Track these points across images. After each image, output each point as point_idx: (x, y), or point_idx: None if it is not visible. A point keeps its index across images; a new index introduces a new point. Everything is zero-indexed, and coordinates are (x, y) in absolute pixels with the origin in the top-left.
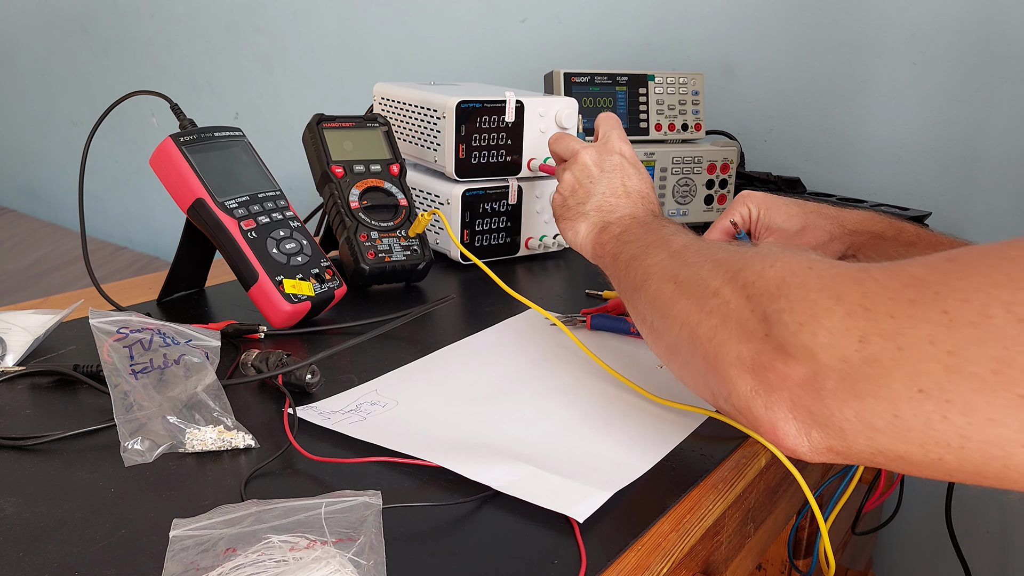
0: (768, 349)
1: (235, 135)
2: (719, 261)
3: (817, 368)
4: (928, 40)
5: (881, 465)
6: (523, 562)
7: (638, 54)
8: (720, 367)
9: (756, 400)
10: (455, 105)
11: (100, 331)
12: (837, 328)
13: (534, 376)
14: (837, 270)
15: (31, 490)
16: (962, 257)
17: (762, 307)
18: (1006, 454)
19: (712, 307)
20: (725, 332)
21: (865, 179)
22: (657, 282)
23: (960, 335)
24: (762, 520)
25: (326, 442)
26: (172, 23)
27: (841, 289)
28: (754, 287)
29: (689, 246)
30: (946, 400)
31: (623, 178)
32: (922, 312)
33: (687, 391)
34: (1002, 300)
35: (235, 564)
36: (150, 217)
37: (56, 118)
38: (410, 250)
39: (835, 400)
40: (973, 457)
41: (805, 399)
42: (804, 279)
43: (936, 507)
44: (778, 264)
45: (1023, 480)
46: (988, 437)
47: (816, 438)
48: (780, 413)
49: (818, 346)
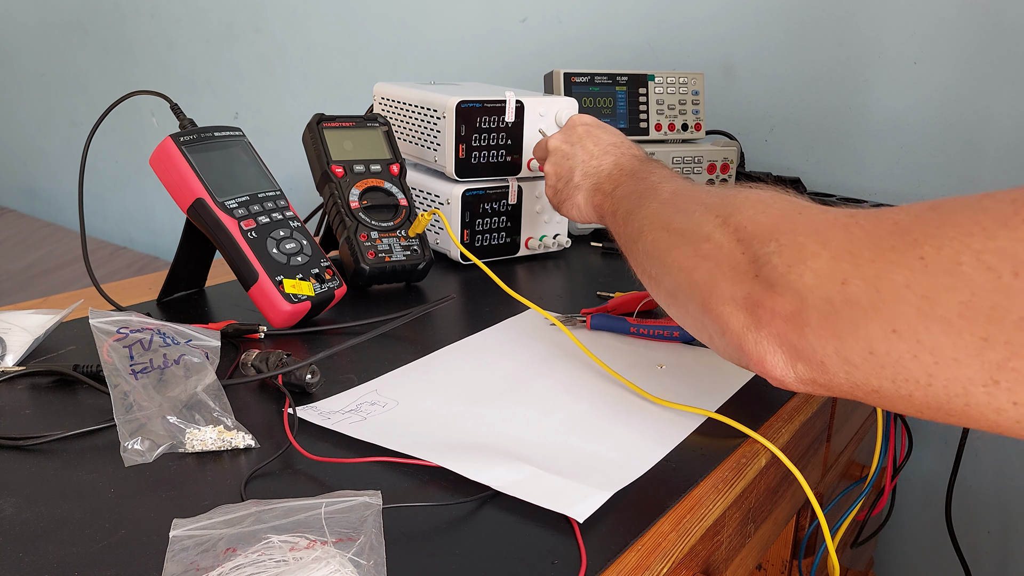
0: (758, 288)
1: (235, 135)
2: (710, 206)
3: (802, 306)
4: (929, 40)
5: (859, 398)
6: (523, 562)
7: (638, 54)
8: (714, 306)
9: (747, 335)
10: (455, 105)
11: (100, 331)
12: (823, 270)
13: (534, 376)
14: (826, 215)
15: (31, 490)
16: (944, 206)
17: (753, 249)
18: (967, 392)
19: (706, 251)
20: (719, 274)
21: (866, 179)
22: (653, 232)
23: (933, 280)
24: (762, 520)
25: (326, 442)
26: (172, 23)
27: (829, 234)
28: (746, 231)
29: (679, 192)
30: (917, 340)
31: (593, 140)
32: (901, 258)
33: (686, 391)
34: (973, 248)
35: (235, 564)
36: (150, 217)
37: (56, 118)
38: (410, 250)
39: (817, 337)
40: (939, 394)
41: (791, 335)
42: (795, 224)
43: (936, 508)
44: (771, 210)
45: (982, 419)
46: (952, 376)
47: (801, 370)
48: (768, 347)
49: (804, 286)
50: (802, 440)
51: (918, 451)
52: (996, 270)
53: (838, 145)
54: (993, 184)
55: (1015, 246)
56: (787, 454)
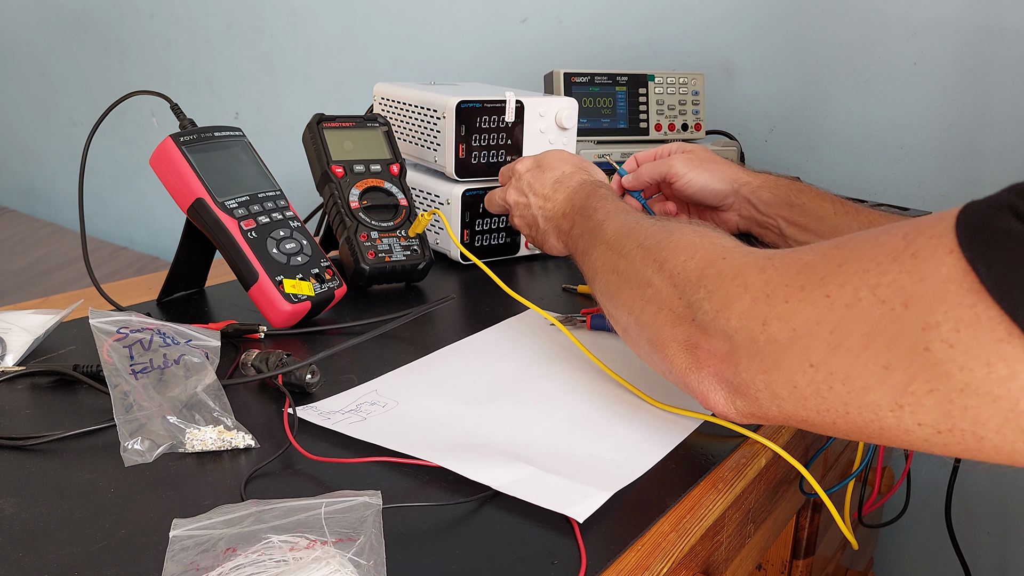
0: (695, 332)
1: (235, 135)
2: (647, 249)
3: (732, 347)
4: (929, 40)
5: (793, 425)
6: (523, 562)
7: (638, 54)
8: (660, 347)
9: (690, 375)
10: (455, 105)
11: (100, 331)
12: (745, 313)
13: (534, 376)
14: (746, 259)
15: (31, 490)
16: (847, 243)
17: (687, 296)
18: (879, 417)
19: (648, 296)
20: (661, 317)
21: (866, 179)
22: (604, 274)
23: (838, 315)
24: (762, 520)
25: (326, 442)
26: (172, 23)
27: (748, 278)
28: (679, 277)
29: (620, 232)
30: (830, 372)
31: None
32: (809, 296)
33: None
34: (869, 284)
35: (235, 564)
36: (150, 217)
37: (56, 118)
38: (410, 250)
39: (748, 373)
40: (856, 420)
41: (726, 373)
42: (719, 269)
43: (937, 508)
44: (697, 255)
45: (896, 439)
46: (864, 403)
47: (740, 405)
48: (710, 385)
49: (732, 329)
50: (802, 440)
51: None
52: (889, 302)
53: (838, 145)
54: (993, 184)
55: (903, 279)
56: (789, 454)
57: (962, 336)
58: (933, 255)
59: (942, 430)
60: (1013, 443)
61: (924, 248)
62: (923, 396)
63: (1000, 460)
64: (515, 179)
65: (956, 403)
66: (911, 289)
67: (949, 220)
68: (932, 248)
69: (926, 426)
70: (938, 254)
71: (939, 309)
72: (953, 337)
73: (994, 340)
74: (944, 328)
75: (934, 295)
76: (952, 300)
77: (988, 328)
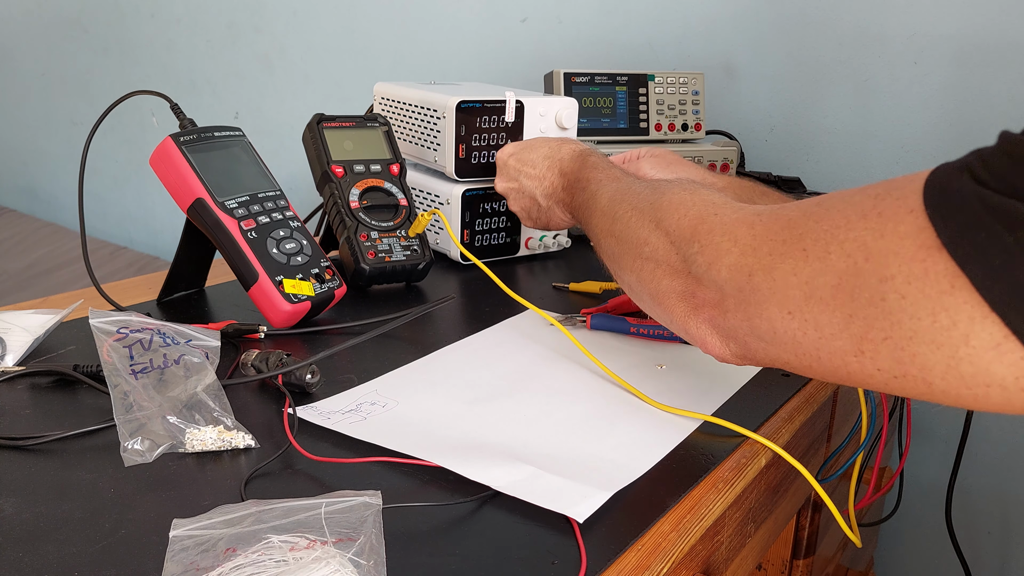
0: (691, 282)
1: (235, 135)
2: (642, 211)
3: (722, 296)
4: (929, 40)
5: (780, 367)
6: (523, 562)
7: (639, 54)
8: (662, 299)
9: (689, 321)
10: (455, 105)
11: (100, 331)
12: (734, 265)
13: (534, 376)
14: (737, 215)
15: (31, 490)
16: (826, 201)
17: (682, 251)
18: (845, 363)
19: (647, 253)
20: (660, 272)
21: (866, 179)
22: (604, 239)
23: (811, 267)
24: (762, 520)
25: (326, 442)
26: (172, 23)
27: (738, 233)
28: (674, 234)
29: (614, 198)
30: (804, 319)
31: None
32: (789, 250)
33: (686, 391)
34: (838, 239)
35: (235, 564)
36: (150, 217)
37: (56, 118)
38: (410, 250)
39: (735, 319)
40: (828, 365)
41: (718, 318)
42: (711, 225)
43: (936, 507)
44: (691, 213)
45: (862, 383)
46: (832, 348)
47: (732, 347)
48: (705, 329)
49: (722, 280)
50: (802, 440)
51: (918, 451)
52: (853, 256)
53: (838, 145)
54: None
55: (866, 236)
56: (788, 454)
57: (912, 288)
58: (895, 214)
59: (897, 375)
60: (957, 389)
61: (889, 208)
62: (879, 343)
63: (950, 403)
64: (499, 167)
65: (906, 350)
66: (872, 245)
67: (918, 181)
68: (895, 208)
69: (884, 371)
70: (899, 213)
71: (894, 263)
72: (904, 288)
73: (938, 292)
74: (898, 280)
75: (891, 250)
76: (906, 255)
77: (934, 281)
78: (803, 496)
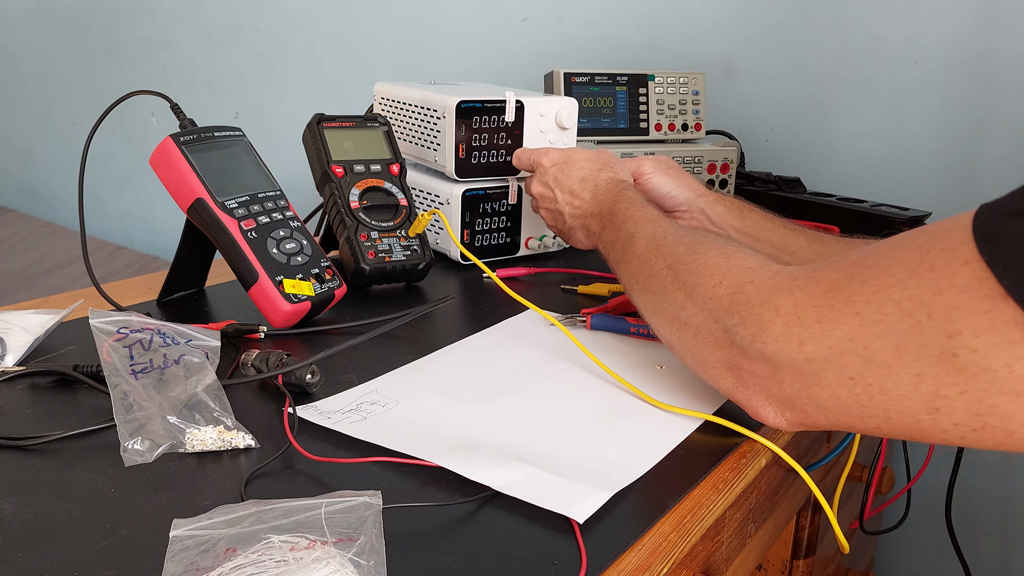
0: (736, 354)
1: (235, 135)
2: (676, 272)
3: (774, 368)
4: (929, 40)
5: (843, 430)
6: (523, 563)
7: (639, 54)
8: (706, 368)
9: (738, 392)
10: (455, 105)
11: (100, 331)
12: (780, 336)
13: (534, 376)
14: (772, 281)
15: (31, 490)
16: (865, 260)
17: (721, 321)
18: (917, 421)
19: (684, 319)
20: (700, 340)
21: (866, 179)
22: (638, 292)
23: (868, 331)
24: (763, 520)
25: (326, 442)
26: (172, 22)
27: (777, 302)
28: (711, 302)
29: (650, 248)
30: (868, 384)
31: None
32: (839, 316)
33: (686, 391)
34: (892, 299)
35: (235, 564)
36: (150, 217)
37: (56, 118)
38: (410, 250)
39: (792, 390)
40: (897, 424)
41: (772, 390)
42: (748, 295)
43: (937, 508)
44: (725, 281)
45: (936, 438)
46: (902, 409)
47: (790, 416)
48: (758, 401)
49: (770, 352)
50: (802, 440)
51: (919, 451)
52: (913, 315)
53: (838, 145)
54: (994, 185)
55: (922, 292)
56: (787, 454)
57: (982, 341)
58: (948, 267)
59: (976, 428)
60: None
61: (939, 261)
62: (955, 399)
63: None
64: (540, 172)
65: (984, 403)
66: (931, 301)
67: (962, 231)
68: (946, 260)
69: (961, 425)
70: (952, 266)
71: (958, 318)
72: (974, 342)
73: (1009, 342)
74: (965, 335)
75: (952, 305)
76: (969, 308)
77: (1003, 331)
78: (803, 496)
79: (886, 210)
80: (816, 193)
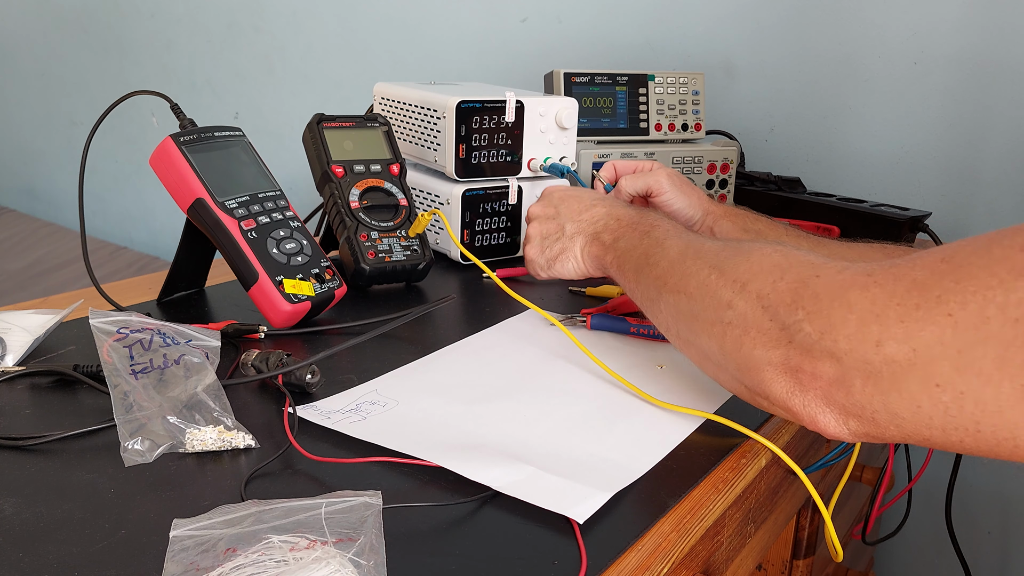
0: (795, 354)
1: (235, 135)
2: (723, 271)
3: (843, 370)
4: (929, 40)
5: (912, 443)
6: (523, 563)
7: (639, 54)
8: (753, 372)
9: (793, 399)
10: (455, 105)
11: (100, 331)
12: (854, 335)
13: (534, 376)
14: (843, 276)
15: (31, 490)
16: (955, 257)
17: (780, 319)
18: (1015, 436)
19: (730, 318)
20: (749, 340)
21: (866, 179)
22: (670, 295)
23: (965, 336)
24: (763, 520)
25: (326, 442)
26: (172, 23)
27: (850, 297)
28: (768, 299)
29: (686, 251)
30: (960, 392)
31: (575, 198)
32: (928, 316)
33: (687, 391)
34: (996, 303)
35: (235, 564)
36: (150, 217)
37: (56, 118)
38: (410, 250)
39: (864, 396)
40: (988, 439)
41: (838, 395)
42: (815, 290)
43: (937, 508)
44: (787, 275)
45: None
46: (999, 423)
47: (854, 426)
48: (817, 408)
49: (840, 351)
50: (802, 440)
51: (918, 451)
52: (1022, 322)
53: (838, 145)
54: (994, 184)
55: None
56: (787, 454)
57: None
58: None
59: None
60: None
61: None
62: None
63: None
64: (545, 196)
65: None
66: None
67: None
68: None
69: None
70: None
71: None
72: None
73: None
74: None
75: None
76: None
77: None
78: (803, 496)
79: (886, 210)
80: (816, 193)
